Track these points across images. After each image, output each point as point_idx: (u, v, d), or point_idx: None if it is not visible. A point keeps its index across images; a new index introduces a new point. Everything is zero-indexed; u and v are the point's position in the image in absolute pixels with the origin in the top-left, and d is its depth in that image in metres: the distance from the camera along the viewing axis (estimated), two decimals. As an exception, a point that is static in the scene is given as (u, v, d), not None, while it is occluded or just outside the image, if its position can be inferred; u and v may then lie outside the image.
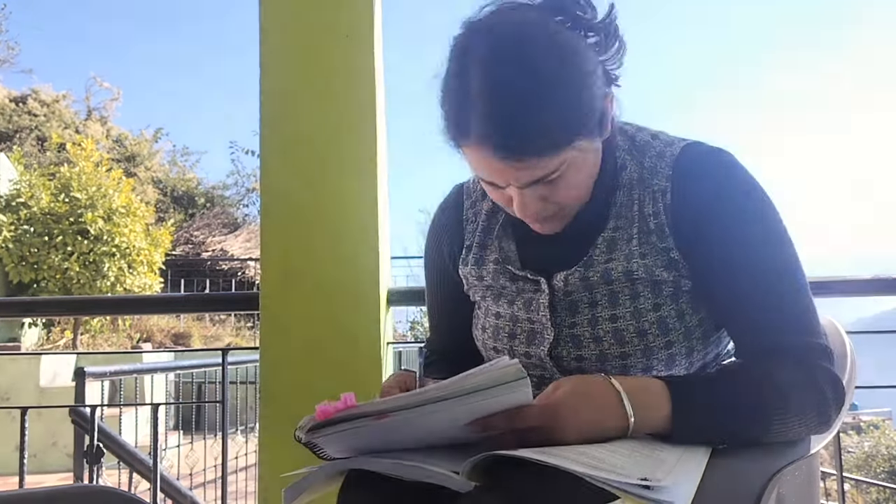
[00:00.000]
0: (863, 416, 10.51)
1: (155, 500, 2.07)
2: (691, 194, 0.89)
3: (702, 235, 0.88)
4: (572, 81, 0.82)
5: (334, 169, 1.57)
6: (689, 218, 0.89)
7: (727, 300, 0.89)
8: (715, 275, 0.88)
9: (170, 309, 3.39)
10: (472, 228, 1.04)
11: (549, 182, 0.85)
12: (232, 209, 14.20)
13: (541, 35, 0.83)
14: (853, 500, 5.90)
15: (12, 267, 7.03)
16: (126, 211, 7.51)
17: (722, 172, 0.90)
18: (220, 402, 2.00)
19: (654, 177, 0.92)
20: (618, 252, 0.91)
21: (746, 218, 0.88)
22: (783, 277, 0.87)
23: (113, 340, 8.12)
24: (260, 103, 1.59)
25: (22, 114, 13.57)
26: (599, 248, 0.92)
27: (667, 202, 0.90)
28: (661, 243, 0.90)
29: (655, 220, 0.90)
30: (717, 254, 0.88)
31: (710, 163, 0.91)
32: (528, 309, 0.95)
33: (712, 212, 0.88)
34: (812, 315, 0.88)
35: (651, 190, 0.91)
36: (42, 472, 4.76)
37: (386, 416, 0.72)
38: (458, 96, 0.84)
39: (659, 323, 0.90)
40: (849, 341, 1.09)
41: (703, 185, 0.89)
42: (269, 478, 1.52)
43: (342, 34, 1.58)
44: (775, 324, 0.86)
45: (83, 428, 2.50)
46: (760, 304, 0.87)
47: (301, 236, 1.56)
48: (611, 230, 0.92)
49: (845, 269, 73.96)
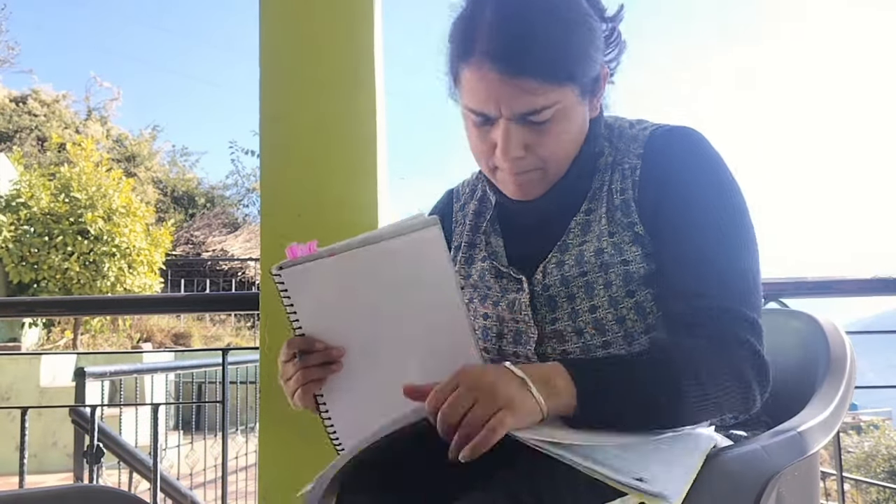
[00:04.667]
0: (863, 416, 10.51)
1: (155, 500, 2.07)
2: (656, 167, 0.92)
3: (660, 206, 0.90)
4: (580, 30, 0.87)
5: (334, 169, 1.57)
6: (652, 190, 0.91)
7: (666, 263, 0.89)
8: (664, 241, 0.90)
9: (170, 309, 3.39)
10: (460, 230, 1.07)
11: (536, 125, 0.87)
12: (232, 209, 14.18)
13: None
14: (853, 500, 5.90)
15: (12, 267, 7.03)
16: (126, 211, 7.50)
17: (685, 146, 0.92)
18: (220, 402, 2.00)
19: (626, 156, 0.95)
20: (590, 234, 0.93)
21: (702, 187, 0.90)
22: (724, 244, 0.88)
23: (113, 340, 8.12)
24: (260, 103, 1.59)
25: (22, 114, 13.56)
26: (573, 231, 0.94)
27: (635, 178, 0.93)
28: (627, 218, 0.91)
29: (622, 195, 0.93)
30: (669, 221, 0.90)
31: (675, 138, 0.94)
32: (511, 309, 0.96)
33: (671, 182, 0.90)
34: (746, 284, 0.87)
35: (622, 168, 0.94)
36: (42, 472, 4.75)
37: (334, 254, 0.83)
38: (470, 20, 0.88)
39: (636, 308, 0.90)
40: (849, 341, 1.09)
41: (666, 157, 0.92)
42: (269, 478, 1.52)
43: (342, 34, 1.58)
44: (701, 288, 0.86)
45: (83, 428, 2.50)
46: (693, 267, 0.87)
47: (301, 236, 1.56)
48: (584, 213, 0.95)
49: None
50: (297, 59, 1.60)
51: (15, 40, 15.44)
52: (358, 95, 1.58)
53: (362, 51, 1.58)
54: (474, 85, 0.87)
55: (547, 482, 0.72)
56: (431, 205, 1.16)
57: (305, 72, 1.60)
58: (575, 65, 0.86)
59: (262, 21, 1.61)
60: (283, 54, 1.61)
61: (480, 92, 0.86)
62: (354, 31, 1.59)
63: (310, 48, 1.60)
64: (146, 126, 15.17)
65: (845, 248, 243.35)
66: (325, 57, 1.59)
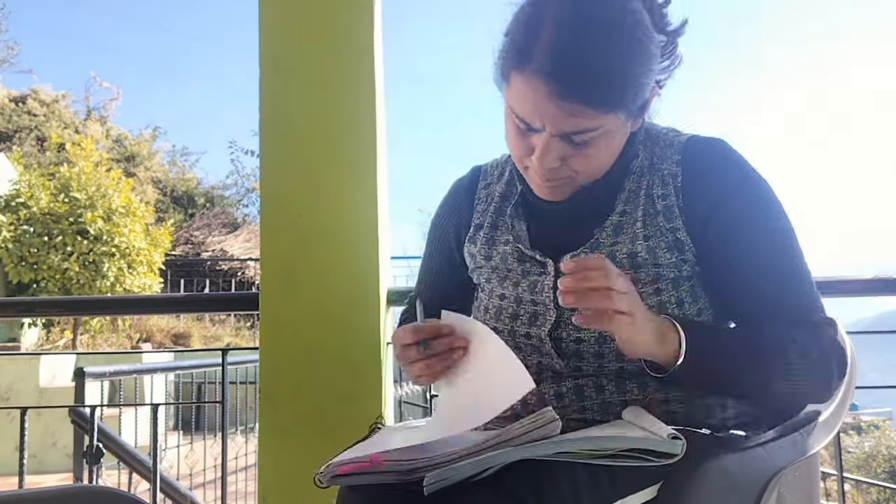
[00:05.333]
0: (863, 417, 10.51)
1: (155, 500, 2.07)
2: (699, 176, 0.93)
3: (717, 224, 0.92)
4: (638, 58, 0.86)
5: (334, 169, 1.57)
6: (704, 204, 0.92)
7: (739, 283, 0.92)
8: (728, 258, 0.92)
9: (170, 309, 3.39)
10: (482, 209, 1.07)
11: (577, 143, 0.88)
12: (232, 209, 14.17)
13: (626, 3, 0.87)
14: (853, 500, 5.90)
15: (12, 267, 7.02)
16: (126, 211, 7.49)
17: (727, 158, 0.95)
18: (219, 402, 2.00)
19: (664, 162, 0.95)
20: (623, 235, 0.93)
21: (760, 205, 0.93)
22: (790, 263, 0.92)
23: (113, 340, 8.12)
24: (260, 103, 1.59)
25: (22, 114, 13.55)
26: (606, 230, 0.95)
27: (678, 184, 0.93)
28: (669, 224, 0.92)
29: (664, 201, 0.93)
30: (731, 238, 0.92)
31: (713, 147, 0.96)
32: (532, 291, 0.97)
33: (726, 202, 0.92)
34: (817, 295, 0.94)
35: (661, 174, 0.95)
36: (42, 472, 4.75)
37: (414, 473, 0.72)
38: (531, 22, 0.87)
39: (659, 308, 0.91)
40: (849, 341, 1.09)
41: (715, 174, 0.94)
42: (269, 478, 1.52)
43: (342, 34, 1.58)
44: (787, 303, 0.91)
45: (83, 428, 2.49)
46: (773, 286, 0.91)
47: (301, 236, 1.56)
48: (618, 215, 0.95)
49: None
50: (297, 59, 1.60)
51: (15, 40, 15.45)
52: (357, 95, 1.57)
53: (362, 51, 1.58)
54: (523, 95, 0.87)
55: (548, 482, 0.72)
56: (434, 202, 1.16)
57: (305, 72, 1.59)
58: (627, 93, 0.87)
59: (262, 21, 1.61)
60: (283, 54, 1.61)
61: (528, 104, 0.87)
62: (354, 31, 1.58)
63: (310, 48, 1.60)
64: (146, 126, 15.17)
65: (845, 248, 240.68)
66: (325, 57, 1.59)
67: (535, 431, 0.72)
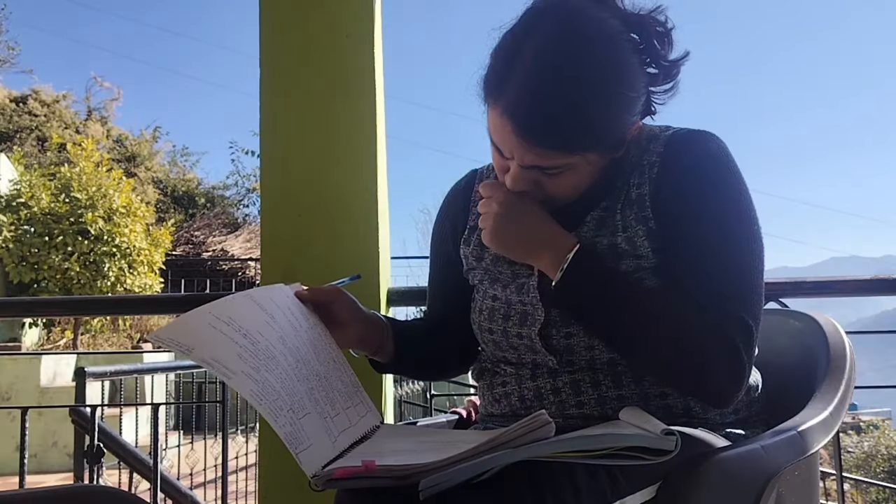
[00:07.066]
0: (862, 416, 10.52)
1: (155, 500, 2.07)
2: (674, 166, 0.93)
3: (675, 204, 0.92)
4: (611, 105, 0.87)
5: (334, 169, 1.57)
6: (668, 188, 0.92)
7: (676, 263, 0.91)
8: (674, 242, 0.91)
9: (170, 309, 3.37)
10: (476, 210, 1.08)
11: (547, 174, 0.90)
12: (232, 209, 14.17)
13: (607, 47, 0.87)
14: (853, 499, 5.90)
15: (12, 267, 7.03)
16: (126, 211, 7.50)
17: (704, 150, 0.94)
18: (220, 402, 2.00)
19: (646, 155, 0.96)
20: (604, 229, 0.94)
21: (717, 193, 0.91)
22: (733, 252, 0.89)
23: (113, 340, 8.13)
24: (260, 103, 1.59)
25: (22, 114, 13.56)
26: (588, 225, 0.96)
27: (652, 175, 0.94)
28: (641, 212, 0.93)
29: (638, 190, 0.94)
30: (682, 223, 0.91)
31: (694, 140, 0.95)
32: (520, 292, 0.98)
33: (687, 183, 0.92)
34: (750, 293, 0.88)
35: (641, 165, 0.95)
36: (42, 472, 4.76)
37: (409, 478, 0.72)
38: (507, 57, 0.89)
39: None
40: (848, 341, 1.09)
41: (685, 157, 0.93)
42: (269, 478, 1.52)
43: (342, 34, 1.58)
44: (708, 289, 0.87)
45: (83, 428, 2.50)
46: (702, 270, 0.89)
47: (301, 236, 1.56)
48: (601, 210, 0.96)
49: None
50: (297, 59, 1.60)
51: (15, 40, 15.45)
52: (358, 96, 1.57)
53: (362, 52, 1.58)
54: (495, 126, 0.90)
55: (548, 482, 0.72)
56: (434, 202, 1.17)
57: (305, 72, 1.59)
58: (597, 140, 0.88)
59: (262, 22, 1.61)
60: (283, 55, 1.61)
61: (498, 135, 0.90)
62: (354, 32, 1.58)
63: (310, 49, 1.60)
64: (146, 126, 15.18)
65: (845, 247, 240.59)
66: (325, 58, 1.59)
67: (529, 434, 0.72)
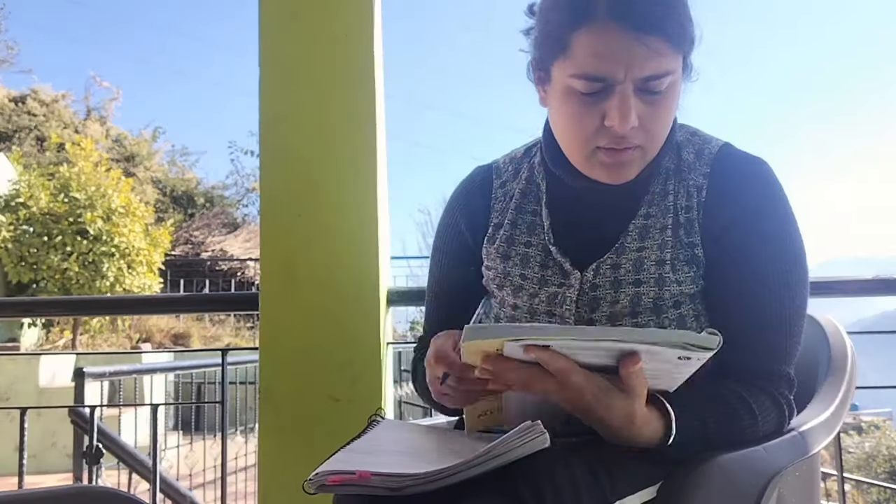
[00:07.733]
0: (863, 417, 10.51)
1: (155, 500, 2.07)
2: (728, 199, 0.91)
3: (728, 241, 0.90)
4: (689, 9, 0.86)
5: (334, 169, 1.56)
6: (722, 221, 0.90)
7: (727, 308, 0.90)
8: (727, 281, 0.90)
9: (169, 309, 3.39)
10: (500, 207, 1.03)
11: (651, 96, 0.85)
12: (231, 209, 14.17)
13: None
14: (854, 500, 5.90)
15: (12, 267, 7.02)
16: (125, 211, 7.49)
17: (759, 184, 0.92)
18: (219, 402, 2.00)
19: (691, 172, 0.93)
20: (650, 241, 0.92)
21: (772, 236, 0.90)
22: (786, 306, 0.89)
23: (112, 340, 8.12)
24: (260, 103, 1.59)
25: (21, 114, 13.54)
26: (631, 235, 0.93)
27: (701, 199, 0.92)
28: (688, 238, 0.91)
29: (687, 213, 0.92)
30: (736, 263, 0.89)
31: (748, 171, 0.93)
32: (550, 303, 0.94)
33: (743, 222, 0.90)
34: (795, 347, 0.90)
35: (686, 184, 0.93)
36: (42, 473, 4.75)
37: (403, 490, 0.72)
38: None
39: (678, 320, 0.90)
40: (849, 341, 1.09)
41: (740, 193, 0.91)
42: (269, 478, 1.52)
43: (342, 34, 1.58)
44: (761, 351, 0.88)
45: (83, 428, 2.50)
46: (753, 321, 0.88)
47: (301, 236, 1.56)
48: (642, 217, 0.93)
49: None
50: (296, 59, 1.60)
51: (15, 40, 15.43)
52: (358, 96, 1.57)
53: (362, 51, 1.58)
54: (598, 48, 0.83)
55: (548, 482, 0.72)
56: (435, 202, 1.15)
57: (305, 72, 1.59)
58: (691, 34, 0.86)
59: (262, 21, 1.61)
60: (282, 54, 1.61)
61: (605, 54, 0.82)
62: (354, 31, 1.58)
63: (310, 48, 1.60)
64: (145, 126, 15.14)
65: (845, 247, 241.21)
66: (324, 57, 1.59)
67: (523, 447, 0.71)
